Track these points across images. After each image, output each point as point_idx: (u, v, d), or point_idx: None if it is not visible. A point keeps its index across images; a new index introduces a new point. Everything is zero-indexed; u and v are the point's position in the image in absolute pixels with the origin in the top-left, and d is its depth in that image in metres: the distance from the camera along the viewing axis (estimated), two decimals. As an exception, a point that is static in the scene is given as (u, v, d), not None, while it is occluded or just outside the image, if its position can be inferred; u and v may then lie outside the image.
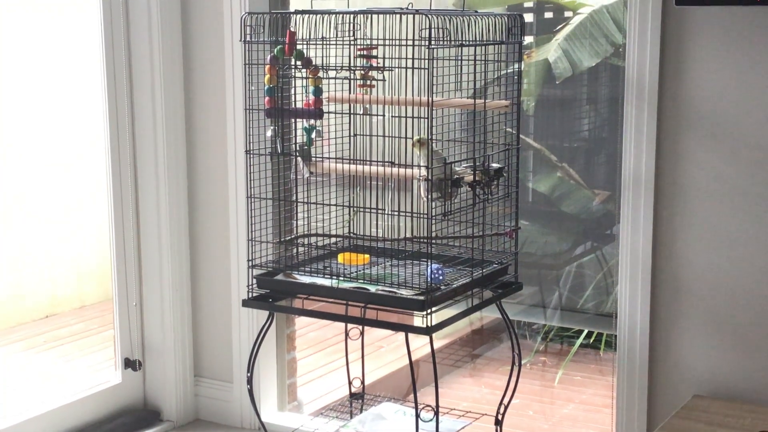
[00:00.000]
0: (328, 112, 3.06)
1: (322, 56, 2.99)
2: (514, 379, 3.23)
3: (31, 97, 5.24)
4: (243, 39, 3.06)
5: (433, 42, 2.70)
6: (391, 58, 2.94)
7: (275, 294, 3.09)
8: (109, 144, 3.72)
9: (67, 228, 5.52)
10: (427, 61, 2.72)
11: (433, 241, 2.93)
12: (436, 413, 2.89)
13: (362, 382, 3.57)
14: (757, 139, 2.88)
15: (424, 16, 2.70)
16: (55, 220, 5.46)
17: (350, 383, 3.57)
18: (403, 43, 2.86)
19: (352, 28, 2.93)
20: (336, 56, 3.01)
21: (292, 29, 2.96)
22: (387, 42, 2.92)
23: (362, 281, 2.93)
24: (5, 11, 4.95)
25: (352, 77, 3.01)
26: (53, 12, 5.27)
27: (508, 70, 3.15)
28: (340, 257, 3.15)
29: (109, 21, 3.65)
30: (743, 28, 2.85)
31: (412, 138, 2.85)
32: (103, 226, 3.90)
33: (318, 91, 2.96)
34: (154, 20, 3.64)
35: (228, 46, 3.63)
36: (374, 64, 2.96)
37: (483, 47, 2.95)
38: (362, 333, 3.50)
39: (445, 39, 2.78)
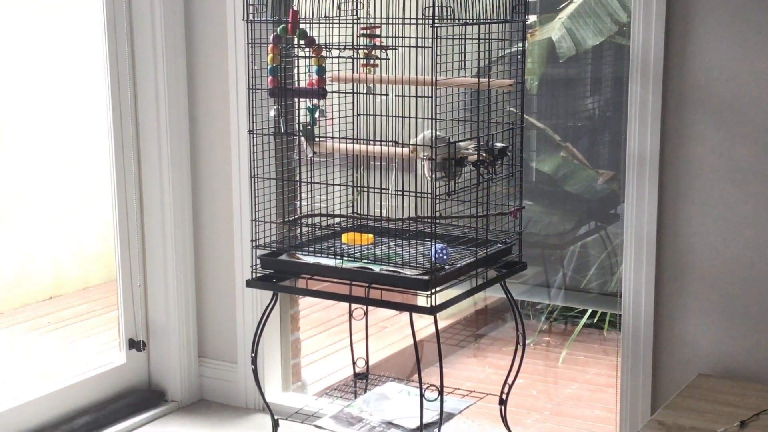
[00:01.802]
0: (332, 92, 3.05)
1: (325, 35, 2.98)
2: (518, 358, 3.23)
3: (32, 76, 5.23)
4: (246, 18, 3.05)
5: (436, 20, 2.68)
6: (395, 37, 2.93)
7: (279, 274, 3.09)
8: (111, 125, 3.71)
9: (71, 210, 5.53)
10: (430, 39, 2.70)
11: (437, 221, 2.93)
12: (441, 393, 2.89)
13: (366, 363, 3.58)
14: (764, 117, 2.87)
15: (427, -5, 2.68)
16: (58, 201, 5.46)
17: (354, 363, 3.57)
18: (407, 21, 2.85)
19: (355, 7, 2.92)
20: (339, 35, 2.99)
21: (294, 8, 2.95)
22: (390, 20, 2.91)
23: (366, 261, 2.93)
24: (7, 10, 4.95)
25: (355, 56, 3.00)
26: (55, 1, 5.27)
27: (512, 49, 3.13)
28: (344, 237, 3.15)
29: (111, 4, 3.63)
30: (749, 5, 2.83)
31: (424, 119, 2.83)
32: (107, 207, 3.90)
33: (321, 71, 2.94)
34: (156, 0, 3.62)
35: (230, 26, 3.61)
36: (377, 43, 2.95)
37: (487, 26, 2.93)
38: (366, 313, 3.50)
39: (449, 17, 2.76)
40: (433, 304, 2.78)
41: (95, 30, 3.73)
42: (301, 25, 2.95)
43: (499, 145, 2.96)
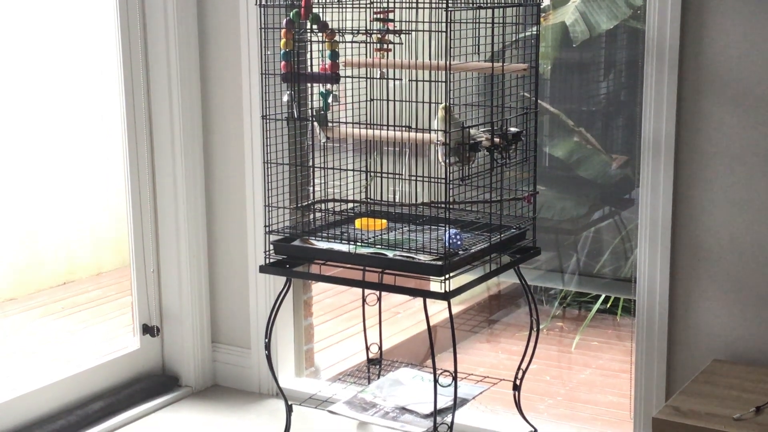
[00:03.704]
0: (345, 77, 3.04)
1: (339, 20, 2.97)
2: (531, 344, 3.22)
3: (45, 61, 5.24)
4: (258, 2, 3.04)
5: (450, 4, 2.67)
6: (408, 22, 2.91)
7: (292, 260, 3.09)
8: (124, 111, 3.71)
9: (85, 195, 5.54)
10: (444, 24, 2.69)
11: (451, 206, 2.92)
12: (455, 378, 2.89)
13: (380, 348, 3.58)
14: (779, 101, 2.85)
15: (441, -22, 2.66)
16: (72, 187, 5.47)
17: (368, 349, 3.57)
18: (420, 5, 2.84)
19: (368, -9, 2.90)
20: (352, 20, 2.98)
21: (307, -8, 2.94)
22: (404, 5, 2.89)
23: (380, 247, 2.92)
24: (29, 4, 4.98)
25: (368, 41, 2.98)
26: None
27: (526, 33, 3.11)
28: (357, 223, 3.15)
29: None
30: (766, -11, 2.81)
31: (438, 104, 2.82)
32: (120, 192, 3.90)
33: (334, 56, 2.93)
34: (169, -15, 3.61)
35: (243, 10, 3.60)
36: (391, 28, 2.93)
37: (500, 10, 2.92)
38: (379, 298, 3.50)
39: (463, 1, 2.75)
40: (447, 289, 2.77)
41: (108, 16, 3.72)
42: (314, 10, 2.93)
43: (513, 130, 2.94)
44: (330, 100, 3.01)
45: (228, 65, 3.71)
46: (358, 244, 2.94)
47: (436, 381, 2.87)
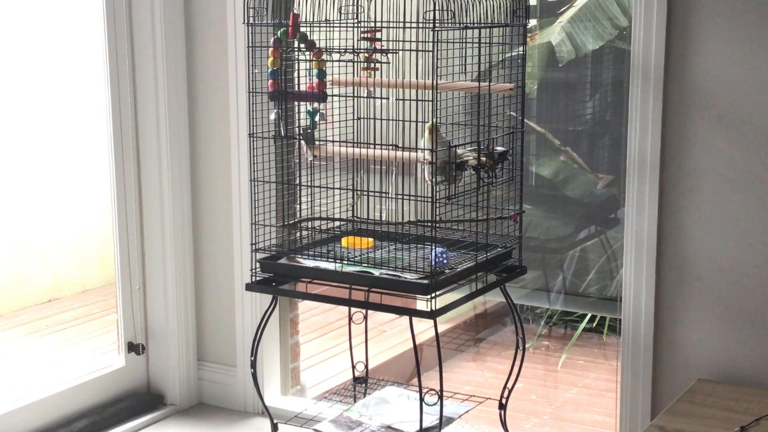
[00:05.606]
0: (332, 95, 3.05)
1: (326, 39, 2.98)
2: (517, 363, 3.22)
3: (31, 79, 5.23)
4: (246, 21, 3.05)
5: (437, 24, 2.68)
6: (395, 41, 2.93)
7: (279, 278, 3.09)
8: (111, 128, 3.71)
9: (70, 212, 5.52)
10: (431, 43, 2.70)
11: (437, 225, 2.92)
12: (440, 397, 2.89)
13: (366, 366, 3.57)
14: (765, 121, 2.86)
15: (428, -2, 2.68)
16: (57, 203, 5.45)
17: (354, 367, 3.57)
18: (408, 25, 2.85)
19: (356, 11, 2.92)
20: (340, 39, 2.99)
21: (295, 11, 2.95)
22: (391, 24, 2.91)
23: (366, 265, 2.93)
24: (11, 13, 4.96)
25: (355, 60, 2.99)
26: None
27: (512, 53, 3.13)
28: (344, 241, 3.15)
29: (111, 7, 3.63)
30: (751, 8, 2.83)
31: (425, 123, 2.83)
32: (106, 209, 3.89)
33: (321, 74, 2.94)
34: (157, 2, 3.61)
35: (231, 29, 3.61)
36: (378, 47, 2.94)
37: (487, 30, 2.93)
38: (366, 317, 3.50)
39: (450, 21, 2.76)
40: (433, 308, 2.78)
41: (95, 33, 3.73)
42: (302, 29, 2.94)
43: (499, 149, 2.95)
44: (317, 118, 3.02)
45: (215, 83, 3.71)
46: (345, 262, 2.94)
47: (422, 400, 2.87)
